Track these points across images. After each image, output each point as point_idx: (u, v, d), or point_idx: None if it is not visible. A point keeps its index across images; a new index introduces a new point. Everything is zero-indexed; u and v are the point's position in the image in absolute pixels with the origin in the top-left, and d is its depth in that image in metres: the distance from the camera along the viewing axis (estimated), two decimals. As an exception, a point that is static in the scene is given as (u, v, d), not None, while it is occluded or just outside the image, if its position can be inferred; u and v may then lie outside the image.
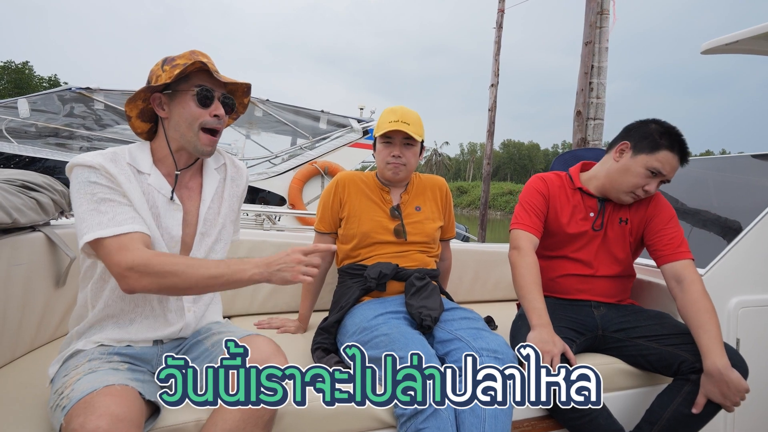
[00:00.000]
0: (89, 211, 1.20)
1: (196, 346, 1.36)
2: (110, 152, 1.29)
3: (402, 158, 1.88)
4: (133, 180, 1.28)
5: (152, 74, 1.33)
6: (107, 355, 1.24)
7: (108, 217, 1.20)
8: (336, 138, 7.15)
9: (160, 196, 1.32)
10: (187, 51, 1.35)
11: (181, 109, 1.32)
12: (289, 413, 1.35)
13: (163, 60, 1.34)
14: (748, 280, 1.94)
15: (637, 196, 1.79)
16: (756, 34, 2.61)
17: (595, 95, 6.52)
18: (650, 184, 1.74)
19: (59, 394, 1.10)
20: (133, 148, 1.34)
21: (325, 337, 1.74)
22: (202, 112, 1.33)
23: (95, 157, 1.24)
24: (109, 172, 1.23)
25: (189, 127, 1.32)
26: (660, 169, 1.71)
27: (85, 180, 1.21)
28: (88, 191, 1.21)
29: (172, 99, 1.32)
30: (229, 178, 1.50)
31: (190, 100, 1.32)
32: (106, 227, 1.19)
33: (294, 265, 1.23)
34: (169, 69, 1.30)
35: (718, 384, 1.49)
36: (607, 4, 6.61)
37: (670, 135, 1.73)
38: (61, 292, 1.78)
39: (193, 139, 1.33)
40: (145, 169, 1.32)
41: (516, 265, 1.76)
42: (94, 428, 0.97)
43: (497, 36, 11.39)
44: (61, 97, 6.12)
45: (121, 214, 1.22)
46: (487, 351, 1.49)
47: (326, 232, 2.00)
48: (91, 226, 1.18)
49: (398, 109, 1.89)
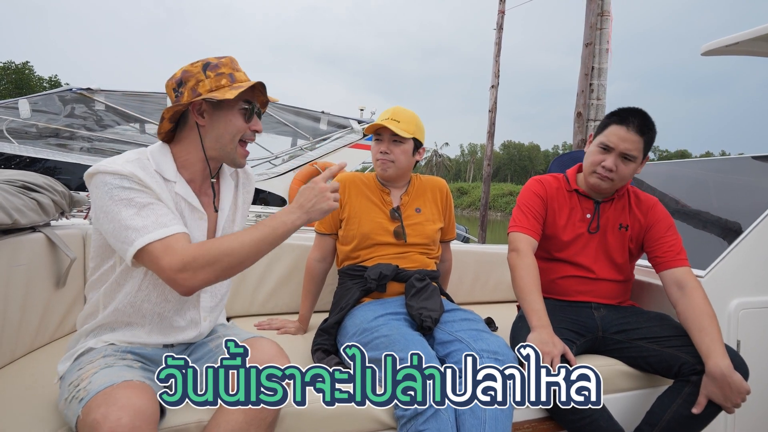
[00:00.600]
0: (131, 217, 1.15)
1: (201, 348, 1.37)
2: (135, 159, 1.23)
3: (390, 155, 1.88)
4: (164, 187, 1.25)
5: (189, 76, 1.27)
6: (120, 352, 1.24)
7: (152, 221, 1.16)
8: (336, 139, 7.15)
9: (187, 204, 1.31)
10: (226, 58, 1.32)
11: (227, 122, 1.30)
12: (289, 415, 1.35)
13: (203, 63, 1.29)
14: (749, 281, 1.94)
15: (600, 175, 1.78)
16: (756, 35, 2.62)
17: (596, 96, 6.53)
18: (606, 160, 1.75)
19: (75, 386, 1.10)
20: (155, 154, 1.29)
21: (326, 338, 1.74)
22: (245, 127, 1.32)
23: (125, 165, 1.18)
24: (141, 181, 1.19)
25: (232, 139, 1.31)
26: (606, 142, 1.74)
27: (117, 186, 1.16)
28: (123, 197, 1.16)
29: (217, 109, 1.29)
30: (241, 185, 1.50)
31: (238, 114, 1.31)
32: (153, 230, 1.15)
33: (324, 194, 1.25)
34: (213, 76, 1.27)
35: (720, 385, 1.49)
36: (608, 5, 6.62)
37: (617, 112, 1.77)
38: (62, 293, 1.78)
39: (232, 151, 1.33)
40: (170, 176, 1.28)
41: (515, 267, 1.76)
42: (116, 419, 0.97)
43: (497, 37, 11.40)
44: (61, 98, 6.13)
45: (164, 216, 1.19)
46: (487, 352, 1.49)
47: (326, 233, 2.00)
48: (138, 231, 1.14)
49: (392, 108, 1.92)
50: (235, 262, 1.18)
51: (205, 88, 1.26)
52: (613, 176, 1.76)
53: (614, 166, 1.74)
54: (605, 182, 1.79)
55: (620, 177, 1.76)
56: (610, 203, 1.89)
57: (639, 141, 1.72)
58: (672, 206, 2.46)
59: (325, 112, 7.26)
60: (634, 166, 1.76)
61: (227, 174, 1.46)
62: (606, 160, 1.76)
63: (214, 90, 1.26)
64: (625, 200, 1.90)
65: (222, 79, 1.27)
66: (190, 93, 1.26)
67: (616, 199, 1.89)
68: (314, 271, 2.02)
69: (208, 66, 1.28)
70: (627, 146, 1.72)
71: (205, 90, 1.26)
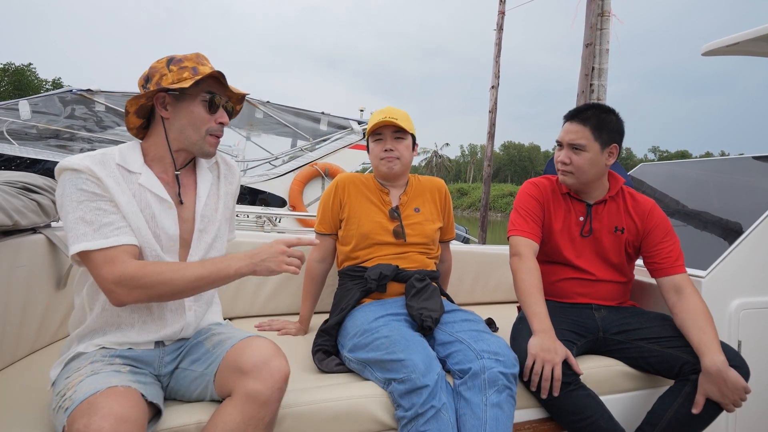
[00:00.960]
0: (75, 221, 1.18)
1: (197, 348, 1.36)
2: (99, 153, 1.27)
3: (395, 151, 1.89)
4: (122, 182, 1.26)
5: (155, 71, 1.31)
6: (109, 357, 1.24)
7: (93, 228, 1.18)
8: (337, 139, 7.15)
9: (153, 195, 1.31)
10: (192, 53, 1.34)
11: (189, 113, 1.31)
12: (289, 415, 1.35)
13: (168, 59, 1.32)
14: (750, 282, 1.94)
15: (560, 170, 1.85)
16: (757, 35, 2.62)
17: (596, 97, 6.53)
18: (559, 155, 1.84)
19: (62, 395, 1.10)
20: (123, 148, 1.32)
21: (326, 339, 1.74)
22: (209, 118, 1.34)
23: (82, 160, 1.21)
24: (95, 176, 1.21)
25: (196, 130, 1.33)
26: (558, 139, 1.86)
27: (71, 186, 1.19)
28: (74, 198, 1.19)
29: (179, 101, 1.31)
30: (222, 176, 1.50)
31: (199, 105, 1.32)
32: (92, 239, 1.17)
33: (278, 256, 1.25)
34: (176, 70, 1.29)
35: (716, 382, 1.50)
36: (608, 6, 6.62)
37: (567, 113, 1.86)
38: (62, 294, 1.78)
39: (199, 141, 1.34)
40: (135, 168, 1.30)
41: (517, 271, 1.76)
42: (98, 429, 0.97)
43: (498, 38, 11.40)
44: (62, 99, 6.13)
45: (108, 225, 1.20)
46: (488, 353, 1.49)
47: (326, 234, 2.00)
48: (77, 237, 1.17)
49: (385, 108, 1.93)
50: (171, 291, 1.20)
51: (168, 81, 1.29)
52: (570, 168, 1.80)
53: (567, 158, 1.80)
54: (566, 176, 1.83)
55: (577, 168, 1.79)
56: (603, 206, 1.88)
57: (582, 130, 1.77)
58: (672, 206, 2.46)
59: (325, 113, 7.26)
60: (589, 155, 1.77)
61: (204, 166, 1.46)
62: (560, 156, 1.83)
63: (175, 83, 1.29)
64: (620, 202, 1.89)
65: (184, 72, 1.29)
66: (154, 87, 1.30)
67: (609, 201, 1.88)
68: (314, 272, 2.02)
69: (172, 60, 1.31)
70: (571, 137, 1.79)
71: (167, 83, 1.29)
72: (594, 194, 1.87)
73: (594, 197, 1.88)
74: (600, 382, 1.69)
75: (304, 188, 6.73)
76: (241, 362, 1.20)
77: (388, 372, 1.45)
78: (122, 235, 1.21)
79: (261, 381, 1.17)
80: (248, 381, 1.17)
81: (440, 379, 1.42)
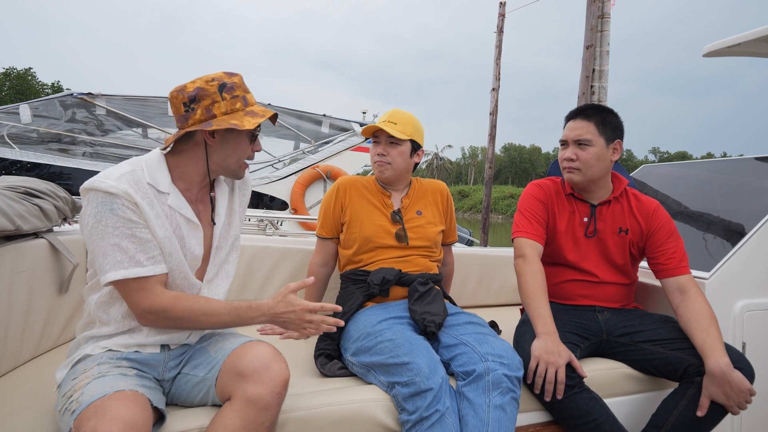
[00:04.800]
0: (111, 247, 1.19)
1: (200, 353, 1.36)
2: (129, 171, 1.24)
3: (387, 156, 1.89)
4: (155, 204, 1.26)
5: (204, 95, 1.27)
6: (116, 360, 1.24)
7: (129, 256, 1.20)
8: (338, 142, 7.14)
9: (182, 217, 1.32)
10: (237, 77, 1.33)
11: (237, 145, 1.35)
12: (292, 420, 1.34)
13: (219, 84, 1.29)
14: (754, 283, 1.93)
15: (566, 168, 1.84)
16: (758, 36, 2.62)
17: (597, 99, 6.53)
18: (565, 153, 1.84)
19: (68, 397, 1.10)
20: (151, 164, 1.30)
21: (328, 343, 1.73)
22: (250, 149, 1.39)
23: (118, 183, 1.20)
24: (132, 200, 1.21)
25: (237, 159, 1.37)
26: (562, 138, 1.87)
27: (106, 209, 1.18)
28: (110, 223, 1.19)
29: (229, 132, 1.33)
30: (236, 188, 1.51)
31: (247, 138, 1.36)
32: (128, 267, 1.20)
33: (302, 323, 1.30)
34: (229, 99, 1.29)
35: (720, 384, 1.49)
36: (608, 7, 6.62)
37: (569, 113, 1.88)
38: (65, 299, 1.78)
39: (237, 169, 1.39)
40: (164, 188, 1.29)
41: (522, 273, 1.75)
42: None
43: (498, 40, 11.42)
44: (62, 103, 6.13)
45: (143, 252, 1.22)
46: (492, 356, 1.48)
47: (328, 238, 2.00)
48: (114, 264, 1.19)
49: (390, 111, 1.93)
50: (194, 327, 1.30)
51: (221, 110, 1.29)
52: (577, 165, 1.80)
53: (573, 155, 1.80)
54: (573, 174, 1.82)
55: (584, 164, 1.79)
56: (608, 206, 1.88)
57: (588, 125, 1.78)
58: (675, 208, 2.46)
59: (327, 115, 7.26)
60: (595, 150, 1.77)
61: (221, 180, 1.47)
62: (565, 153, 1.83)
63: (229, 113, 1.29)
64: (625, 203, 1.89)
65: (237, 102, 1.30)
66: (204, 112, 1.28)
67: (614, 202, 1.88)
68: (316, 276, 2.02)
69: (224, 87, 1.29)
70: (577, 132, 1.79)
71: (220, 112, 1.28)
72: (598, 194, 1.87)
73: (598, 197, 1.87)
74: (604, 385, 1.68)
75: (305, 191, 6.72)
76: (241, 366, 1.20)
77: (392, 375, 1.45)
78: (157, 264, 1.25)
79: (261, 385, 1.17)
80: (248, 385, 1.17)
81: (444, 382, 1.42)
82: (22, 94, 39.51)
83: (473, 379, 1.44)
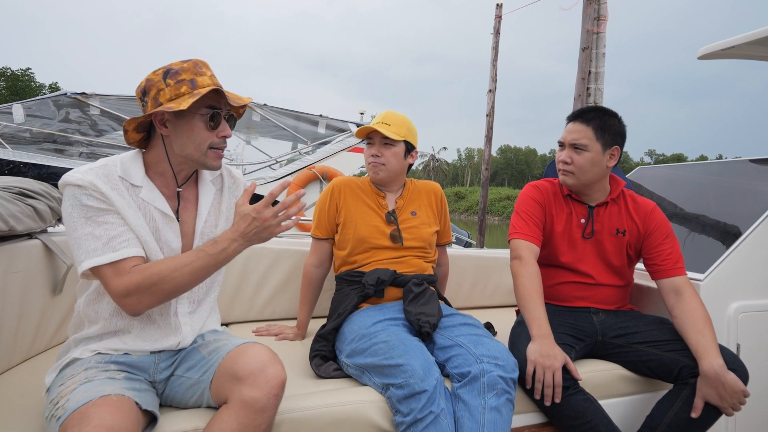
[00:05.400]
0: (84, 236, 1.18)
1: (192, 355, 1.35)
2: (101, 166, 1.24)
3: (381, 158, 1.89)
4: (127, 195, 1.25)
5: (151, 85, 1.25)
6: (104, 363, 1.23)
7: (102, 242, 1.18)
8: (336, 142, 7.13)
9: (155, 209, 1.30)
10: (189, 62, 1.28)
11: (189, 131, 1.27)
12: (287, 421, 1.34)
13: (164, 71, 1.25)
14: (748, 285, 1.94)
15: (561, 170, 1.85)
16: (752, 39, 2.62)
17: (593, 101, 6.54)
18: (561, 155, 1.85)
19: (54, 404, 1.09)
20: (125, 159, 1.29)
21: (324, 344, 1.73)
22: (210, 135, 1.30)
23: (85, 175, 1.20)
24: (100, 191, 1.20)
25: (197, 147, 1.29)
26: (560, 139, 1.86)
27: (76, 202, 1.19)
28: (81, 214, 1.19)
29: (179, 118, 1.26)
30: (226, 189, 1.48)
31: (200, 122, 1.28)
32: (102, 253, 1.18)
33: (269, 223, 1.24)
34: (173, 84, 1.24)
35: (714, 385, 1.49)
36: (604, 10, 6.64)
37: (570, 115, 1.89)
38: (58, 300, 1.77)
39: (201, 157, 1.30)
40: (137, 181, 1.28)
41: (518, 275, 1.75)
42: None
43: (495, 42, 11.43)
44: (56, 103, 6.10)
45: (116, 237, 1.20)
46: (488, 357, 1.48)
47: (323, 238, 1.99)
48: (87, 252, 1.18)
49: (384, 112, 1.94)
50: (176, 287, 1.22)
51: (165, 97, 1.24)
52: (571, 168, 1.81)
53: (568, 158, 1.80)
54: (567, 176, 1.83)
55: (578, 168, 1.79)
56: (605, 207, 1.88)
57: (585, 129, 1.78)
58: (670, 210, 2.46)
59: (324, 116, 7.25)
60: (590, 155, 1.77)
61: (207, 179, 1.44)
62: (561, 155, 1.84)
63: (173, 99, 1.24)
64: (622, 204, 1.89)
65: (182, 86, 1.24)
66: (152, 103, 1.25)
67: (611, 204, 1.88)
68: (311, 277, 2.01)
69: (168, 73, 1.25)
70: (573, 136, 1.79)
71: (165, 99, 1.24)
72: (595, 196, 1.87)
73: (595, 199, 1.88)
74: (598, 387, 1.68)
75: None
76: (237, 369, 1.19)
77: (387, 377, 1.44)
78: (130, 247, 1.22)
79: (257, 388, 1.16)
80: (244, 388, 1.16)
81: (439, 384, 1.41)
82: (18, 94, 39.32)
83: (468, 380, 1.44)
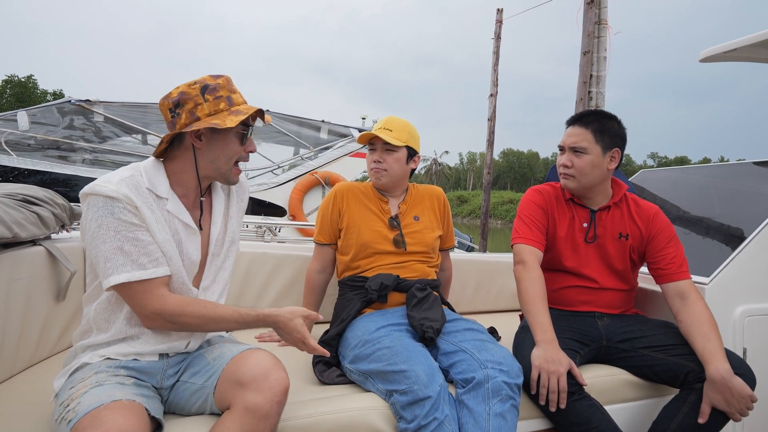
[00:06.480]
0: (113, 251, 1.18)
1: (198, 360, 1.35)
2: (129, 177, 1.25)
3: (383, 163, 1.89)
4: (155, 208, 1.26)
5: (187, 98, 1.27)
6: (113, 368, 1.23)
7: (131, 259, 1.19)
8: (338, 148, 7.14)
9: (180, 222, 1.32)
10: (222, 78, 1.32)
11: (224, 145, 1.32)
12: (290, 428, 1.33)
13: (201, 86, 1.28)
14: (754, 288, 1.92)
15: (562, 174, 1.86)
16: (754, 41, 2.62)
17: (595, 104, 6.54)
18: (561, 159, 1.85)
19: (65, 407, 1.09)
20: (149, 170, 1.30)
21: (327, 350, 1.72)
22: (240, 149, 1.35)
23: (119, 187, 1.20)
24: (133, 204, 1.21)
25: (227, 162, 1.34)
26: (560, 143, 1.87)
27: (107, 213, 1.18)
28: (111, 227, 1.18)
29: (215, 133, 1.31)
30: (234, 195, 1.51)
31: (235, 138, 1.33)
32: (131, 270, 1.19)
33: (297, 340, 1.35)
34: (212, 100, 1.28)
35: (721, 390, 1.48)
36: (605, 14, 6.65)
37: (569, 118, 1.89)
38: (62, 306, 1.77)
39: (227, 172, 1.36)
40: (162, 193, 1.29)
41: (521, 280, 1.74)
42: None
43: (495, 46, 11.46)
44: (60, 110, 6.13)
45: (146, 255, 1.22)
46: (492, 363, 1.47)
47: (326, 244, 1.99)
48: (116, 268, 1.18)
49: (386, 118, 1.94)
50: (200, 330, 1.32)
51: (204, 112, 1.27)
52: (572, 172, 1.81)
53: (569, 161, 1.80)
54: (568, 180, 1.83)
55: (579, 171, 1.79)
56: (607, 212, 1.87)
57: (584, 132, 1.78)
58: (674, 213, 2.45)
59: (326, 121, 7.26)
60: (590, 158, 1.77)
61: (218, 186, 1.47)
62: (561, 159, 1.84)
63: (212, 114, 1.28)
64: (624, 208, 1.89)
65: (220, 102, 1.29)
66: (188, 115, 1.27)
67: (613, 208, 1.88)
68: (314, 282, 2.01)
69: (206, 89, 1.28)
70: (573, 140, 1.80)
71: (203, 114, 1.27)
72: (597, 200, 1.87)
73: (597, 203, 1.87)
74: (604, 392, 1.67)
75: (304, 197, 6.72)
76: (240, 375, 1.19)
77: (390, 383, 1.44)
78: (159, 267, 1.24)
79: (260, 394, 1.16)
80: (247, 394, 1.16)
81: (443, 390, 1.41)
82: (23, 101, 39.52)
83: (473, 386, 1.44)
